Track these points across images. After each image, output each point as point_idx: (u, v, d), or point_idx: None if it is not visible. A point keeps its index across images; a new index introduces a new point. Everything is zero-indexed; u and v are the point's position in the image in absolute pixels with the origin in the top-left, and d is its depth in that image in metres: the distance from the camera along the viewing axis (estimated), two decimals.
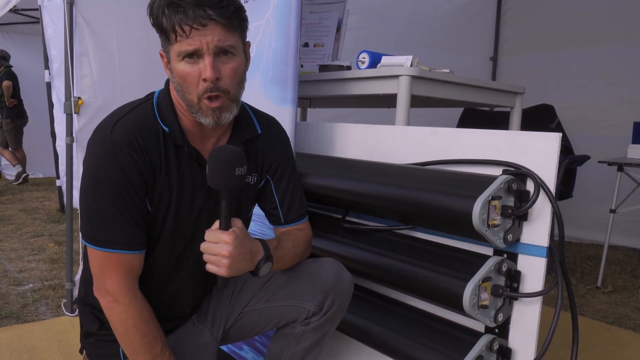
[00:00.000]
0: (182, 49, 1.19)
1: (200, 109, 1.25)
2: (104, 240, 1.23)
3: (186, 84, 1.23)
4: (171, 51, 1.23)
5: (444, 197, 1.35)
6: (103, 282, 1.25)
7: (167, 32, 1.20)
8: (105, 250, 1.23)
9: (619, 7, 4.22)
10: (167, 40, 1.22)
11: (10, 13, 5.64)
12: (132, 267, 1.27)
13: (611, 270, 3.74)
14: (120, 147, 1.21)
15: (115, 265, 1.24)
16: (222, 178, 1.20)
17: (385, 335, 1.57)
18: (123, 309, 1.25)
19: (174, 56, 1.22)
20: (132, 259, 1.26)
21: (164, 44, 1.26)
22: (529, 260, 1.32)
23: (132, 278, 1.27)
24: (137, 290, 1.28)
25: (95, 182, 1.22)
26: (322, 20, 2.44)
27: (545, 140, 1.29)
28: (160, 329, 1.30)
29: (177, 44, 1.20)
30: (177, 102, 1.31)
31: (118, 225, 1.22)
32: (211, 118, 1.25)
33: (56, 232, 4.41)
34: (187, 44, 1.18)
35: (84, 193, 1.24)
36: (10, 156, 7.07)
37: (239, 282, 1.54)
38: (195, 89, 1.22)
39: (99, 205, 1.22)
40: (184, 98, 1.26)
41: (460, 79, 2.02)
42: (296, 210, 1.53)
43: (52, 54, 2.79)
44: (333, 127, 1.89)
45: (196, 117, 1.27)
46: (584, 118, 4.35)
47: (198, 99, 1.23)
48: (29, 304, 2.81)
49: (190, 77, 1.22)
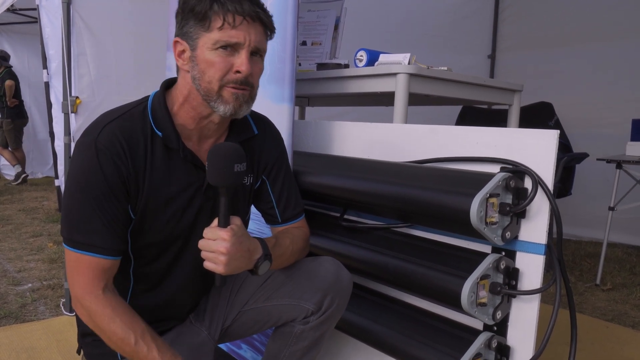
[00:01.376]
0: (223, 38, 1.20)
1: (220, 96, 1.25)
2: (79, 242, 1.22)
3: (212, 72, 1.23)
4: (203, 37, 1.22)
5: (442, 195, 1.35)
6: (72, 285, 1.24)
7: (211, 17, 1.20)
8: (77, 252, 1.22)
9: (617, 5, 4.23)
10: (205, 26, 1.22)
11: (8, 13, 5.63)
12: (101, 272, 1.23)
13: (610, 267, 3.75)
14: (104, 152, 1.20)
15: (83, 268, 1.22)
16: (222, 174, 1.20)
17: (384, 334, 1.57)
18: (84, 312, 1.24)
19: (207, 43, 1.22)
20: (102, 263, 1.23)
21: (192, 30, 1.24)
22: (527, 257, 1.32)
23: (98, 281, 1.23)
24: (98, 291, 1.23)
25: (77, 185, 1.22)
26: (320, 18, 2.44)
27: (542, 138, 1.29)
28: (135, 316, 1.25)
29: (218, 31, 1.20)
30: (187, 95, 1.29)
31: (95, 228, 1.21)
32: (232, 105, 1.26)
33: (55, 232, 4.41)
34: (230, 34, 1.21)
35: (67, 194, 1.25)
36: (9, 156, 7.07)
37: (237, 281, 1.54)
38: (220, 78, 1.23)
39: (78, 208, 1.22)
40: (202, 87, 1.25)
41: (458, 76, 2.02)
42: (292, 208, 1.53)
43: (50, 53, 2.78)
44: (331, 126, 1.89)
45: (213, 107, 1.26)
46: (582, 116, 4.35)
47: (220, 87, 1.24)
48: (28, 304, 2.81)
49: (220, 65, 1.22)
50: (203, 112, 1.29)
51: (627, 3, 4.17)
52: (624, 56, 4.21)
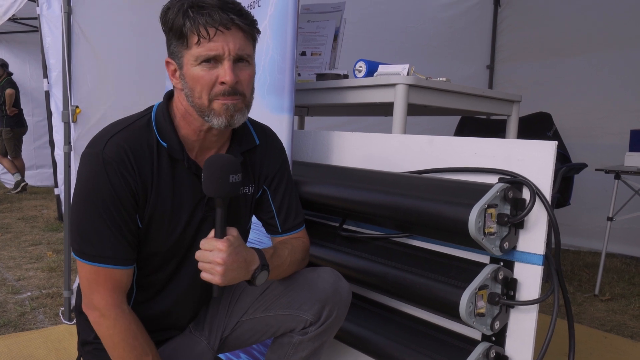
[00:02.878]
0: (203, 52, 1.20)
1: (212, 110, 1.25)
2: (92, 254, 1.23)
3: (199, 88, 1.23)
4: (186, 55, 1.23)
5: (441, 205, 1.35)
6: (90, 296, 1.26)
7: (187, 34, 1.21)
8: (93, 265, 1.23)
9: (615, 15, 4.25)
10: (184, 44, 1.22)
11: (9, 22, 5.66)
12: (120, 282, 1.26)
13: (609, 278, 3.74)
14: (111, 164, 1.21)
15: (102, 280, 1.24)
16: (217, 185, 1.21)
17: (382, 344, 1.57)
18: (110, 324, 1.25)
19: (190, 60, 1.23)
20: (120, 274, 1.26)
21: (177, 49, 1.25)
22: (526, 268, 1.32)
23: (120, 293, 1.27)
24: (124, 305, 1.27)
25: (86, 197, 1.22)
26: (320, 29, 2.46)
27: (541, 149, 1.29)
28: (150, 341, 1.30)
29: (196, 47, 1.20)
30: (184, 112, 1.30)
31: (107, 240, 1.22)
32: (224, 117, 1.25)
33: (54, 241, 4.41)
34: (208, 48, 1.20)
35: (75, 207, 1.25)
36: (9, 165, 7.08)
37: (236, 291, 1.54)
38: (207, 92, 1.23)
39: (88, 220, 1.23)
40: (194, 103, 1.25)
41: (456, 87, 2.03)
42: (293, 219, 1.53)
43: (50, 62, 2.80)
44: (330, 136, 1.90)
45: (207, 121, 1.26)
46: (581, 126, 4.36)
47: (209, 101, 1.24)
48: (27, 312, 2.80)
49: (205, 80, 1.22)
50: (201, 126, 1.31)
51: (626, 13, 4.19)
52: (623, 66, 4.23)
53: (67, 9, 2.60)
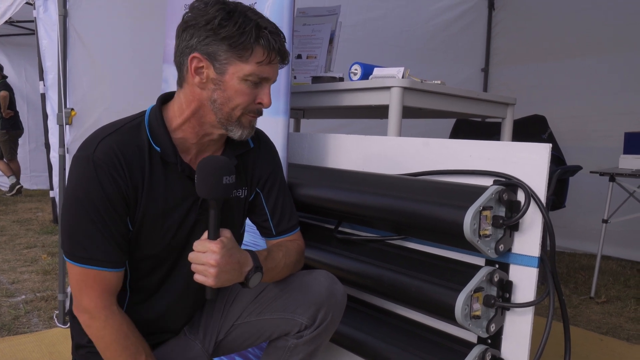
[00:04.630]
0: (257, 72, 1.26)
1: (240, 122, 1.31)
2: (82, 256, 1.23)
3: (239, 100, 1.28)
4: (236, 65, 1.24)
5: (436, 208, 1.36)
6: (80, 298, 1.25)
7: (252, 48, 1.23)
8: (83, 267, 1.23)
9: (609, 19, 4.27)
10: (240, 56, 1.23)
11: (5, 24, 5.65)
12: (110, 284, 1.26)
13: (604, 280, 3.75)
14: (102, 167, 1.21)
15: (92, 282, 1.24)
16: (210, 187, 1.21)
17: (378, 347, 1.57)
18: (100, 325, 1.25)
19: (239, 72, 1.25)
20: (110, 276, 1.25)
21: (224, 55, 1.23)
22: (521, 270, 1.33)
23: (109, 295, 1.26)
24: (114, 306, 1.27)
25: (77, 200, 1.22)
26: (315, 32, 2.46)
27: (535, 151, 1.30)
28: (143, 340, 1.30)
29: (253, 64, 1.24)
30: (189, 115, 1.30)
31: (97, 242, 1.22)
32: (248, 130, 1.34)
33: (49, 244, 4.39)
34: (265, 70, 1.27)
35: (66, 210, 1.25)
36: (4, 167, 7.06)
37: (231, 294, 1.53)
38: (244, 107, 1.29)
39: (79, 222, 1.22)
40: (223, 111, 1.28)
41: (451, 90, 2.04)
42: (287, 221, 1.53)
43: (46, 65, 2.79)
44: (326, 138, 1.90)
45: (228, 130, 1.32)
46: (575, 129, 4.38)
47: (241, 114, 1.30)
48: (21, 316, 2.79)
49: (248, 97, 1.28)
50: (209, 130, 1.32)
51: (620, 17, 4.21)
52: (617, 69, 4.24)
53: (63, 12, 2.61)
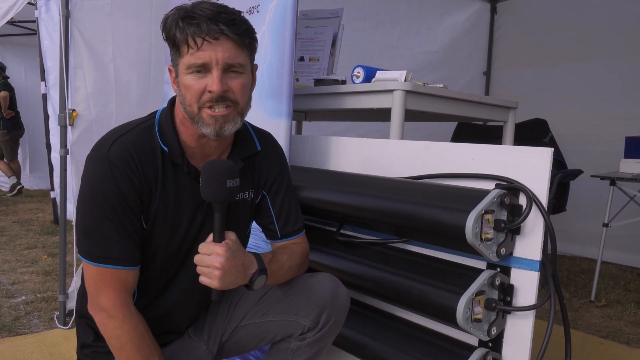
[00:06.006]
0: (192, 61, 1.22)
1: (201, 118, 1.26)
2: (99, 255, 1.24)
3: (189, 95, 1.25)
4: (180, 64, 1.26)
5: (438, 211, 1.36)
6: (97, 297, 1.26)
7: (179, 44, 1.24)
8: (100, 266, 1.24)
9: (610, 23, 4.28)
10: (178, 53, 1.26)
11: (8, 25, 5.65)
12: (127, 283, 1.27)
13: (605, 284, 3.75)
14: (117, 165, 1.23)
15: (109, 281, 1.25)
16: (214, 190, 1.22)
17: (380, 350, 1.57)
18: (117, 325, 1.25)
19: (183, 69, 1.25)
20: (126, 275, 1.27)
21: (174, 57, 1.29)
22: (522, 274, 1.33)
23: (126, 293, 1.28)
24: (131, 306, 1.28)
25: (92, 199, 1.23)
26: (318, 34, 2.47)
27: (537, 155, 1.30)
28: (155, 342, 1.31)
29: (187, 56, 1.23)
30: (182, 118, 1.32)
31: (113, 241, 1.24)
32: (212, 127, 1.26)
33: (50, 244, 4.39)
34: (196, 57, 1.22)
35: (81, 209, 1.26)
36: (5, 167, 7.06)
37: (235, 296, 1.54)
38: (196, 100, 1.25)
39: (95, 221, 1.24)
40: (187, 110, 1.28)
41: (453, 93, 2.04)
42: (292, 224, 1.54)
43: (48, 65, 2.79)
44: (328, 141, 1.90)
45: (198, 128, 1.28)
46: (577, 133, 4.38)
47: (199, 109, 1.25)
48: (22, 317, 2.79)
49: (195, 89, 1.24)
50: (197, 132, 1.32)
51: (621, 22, 4.22)
52: (618, 74, 4.25)
53: (66, 12, 2.61)
